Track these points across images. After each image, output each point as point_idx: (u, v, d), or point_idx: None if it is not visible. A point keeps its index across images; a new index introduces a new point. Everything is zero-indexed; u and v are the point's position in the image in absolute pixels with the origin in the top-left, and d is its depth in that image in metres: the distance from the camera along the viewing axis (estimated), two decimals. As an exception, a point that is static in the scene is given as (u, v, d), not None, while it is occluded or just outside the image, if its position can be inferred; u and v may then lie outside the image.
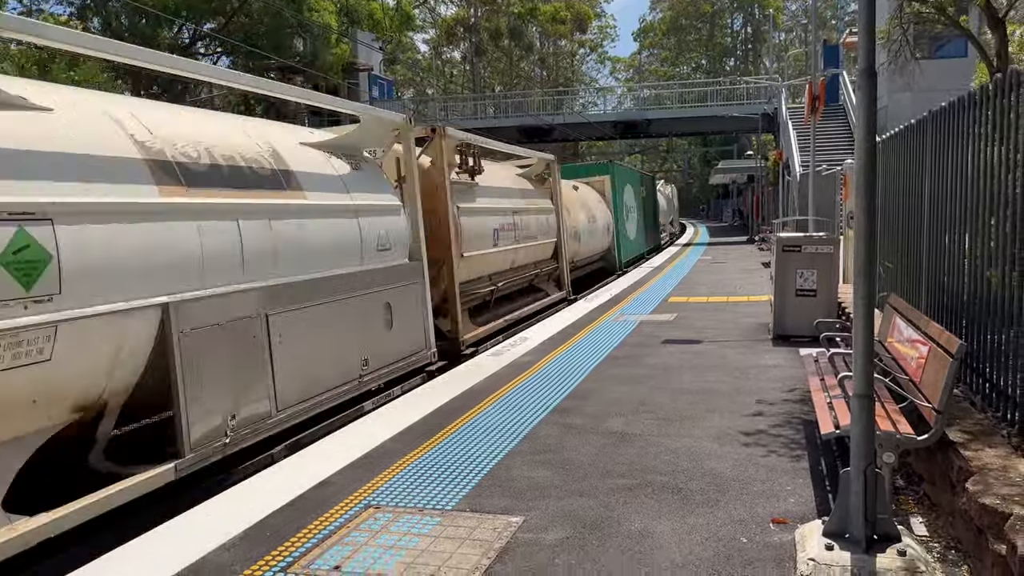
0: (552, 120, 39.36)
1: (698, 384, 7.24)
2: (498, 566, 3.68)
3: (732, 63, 70.90)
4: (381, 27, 37.73)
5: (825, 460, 4.99)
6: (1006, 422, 4.41)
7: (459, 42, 63.20)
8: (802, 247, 9.44)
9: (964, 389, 5.25)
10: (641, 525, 4.09)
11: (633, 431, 5.78)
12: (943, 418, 4.06)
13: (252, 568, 3.75)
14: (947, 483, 4.18)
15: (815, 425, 4.95)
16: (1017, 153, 4.27)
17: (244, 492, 4.81)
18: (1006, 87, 4.43)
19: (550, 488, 4.67)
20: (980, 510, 3.43)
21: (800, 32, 66.38)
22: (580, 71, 76.06)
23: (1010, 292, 4.37)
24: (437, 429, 6.02)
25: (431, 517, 4.29)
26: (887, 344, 5.84)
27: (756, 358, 8.35)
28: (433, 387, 7.58)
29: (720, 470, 4.87)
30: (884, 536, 3.61)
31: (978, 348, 4.99)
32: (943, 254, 5.92)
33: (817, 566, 3.46)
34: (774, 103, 34.55)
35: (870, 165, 3.57)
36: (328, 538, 4.06)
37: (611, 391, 7.07)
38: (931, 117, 6.28)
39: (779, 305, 9.50)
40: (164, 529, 4.26)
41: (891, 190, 8.01)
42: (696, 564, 3.64)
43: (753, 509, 4.24)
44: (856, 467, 3.57)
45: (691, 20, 71.40)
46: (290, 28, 31.67)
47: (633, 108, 45.43)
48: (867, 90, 3.55)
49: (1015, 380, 4.27)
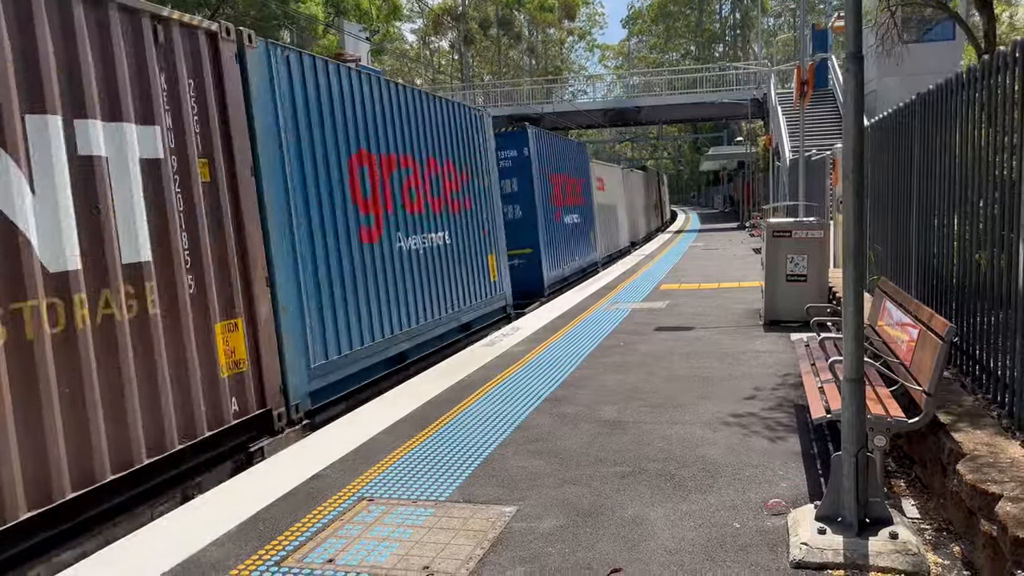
0: (541, 109, 39.28)
1: (690, 371, 7.25)
2: (492, 556, 3.68)
3: (721, 49, 70.77)
4: (368, 17, 37.50)
5: (817, 444, 5.00)
6: (996, 404, 4.43)
7: (447, 32, 62.88)
8: (792, 232, 9.45)
9: (954, 372, 5.27)
10: (634, 512, 4.09)
11: (626, 419, 5.79)
12: (933, 401, 4.07)
13: (246, 563, 3.74)
14: (938, 465, 4.20)
15: (806, 410, 4.97)
16: (1005, 135, 4.27)
17: (237, 487, 4.80)
18: (993, 68, 4.43)
19: (543, 477, 4.67)
20: (971, 492, 3.45)
21: (789, 17, 66.27)
22: (569, 59, 75.85)
23: (998, 274, 4.38)
24: (431, 420, 6.01)
25: (424, 508, 4.29)
26: (877, 328, 5.86)
27: (748, 344, 8.37)
28: (427, 377, 7.57)
29: (712, 456, 4.89)
30: (876, 519, 3.63)
31: (968, 331, 5.01)
32: (932, 237, 5.93)
33: (810, 550, 3.48)
34: (763, 89, 34.53)
35: (858, 149, 3.56)
36: (322, 531, 4.05)
37: (604, 379, 7.08)
38: (919, 100, 6.28)
39: (770, 291, 9.52)
40: (157, 526, 4.25)
41: (880, 174, 8.02)
42: (690, 550, 3.65)
43: (746, 494, 4.25)
44: (847, 451, 3.58)
45: (680, 6, 71.19)
46: (277, 20, 31.44)
47: (623, 96, 45.34)
48: (855, 74, 3.54)
49: (1005, 362, 4.28)
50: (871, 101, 23.34)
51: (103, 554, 3.92)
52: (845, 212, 3.62)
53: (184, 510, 4.45)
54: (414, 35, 66.31)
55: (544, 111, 39.15)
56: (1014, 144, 4.13)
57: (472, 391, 6.87)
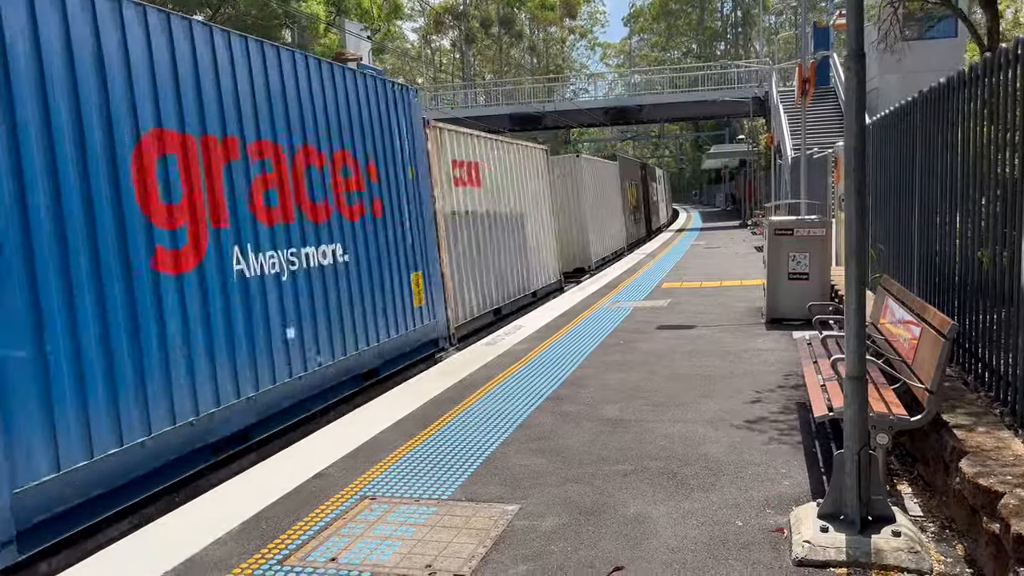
0: (543, 107, 39.26)
1: (692, 369, 7.25)
2: (495, 554, 3.68)
3: (723, 47, 70.66)
4: (369, 16, 37.50)
5: (819, 442, 5.00)
6: (999, 402, 4.43)
7: (448, 30, 62.88)
8: (794, 230, 9.44)
9: (957, 370, 5.27)
10: (637, 510, 4.10)
11: (628, 417, 5.79)
12: (936, 399, 4.07)
13: (248, 561, 3.74)
14: (941, 463, 4.19)
15: (809, 408, 4.97)
16: (1007, 132, 4.26)
17: (239, 485, 4.81)
18: (996, 66, 4.42)
19: (546, 475, 4.67)
20: (974, 490, 3.44)
21: (790, 15, 66.18)
22: (571, 58, 75.81)
23: (1001, 272, 4.37)
24: (433, 419, 6.02)
25: (427, 507, 4.29)
26: (880, 325, 5.85)
27: (750, 342, 8.37)
28: (428, 376, 7.58)
29: (714, 454, 4.88)
30: (879, 517, 3.62)
31: (970, 328, 5.01)
32: (934, 234, 5.92)
33: (812, 548, 3.48)
34: (765, 87, 34.47)
35: (860, 147, 3.56)
36: (324, 530, 4.06)
37: (606, 378, 7.08)
38: (921, 98, 6.27)
39: (772, 289, 9.51)
40: (159, 525, 4.26)
41: (882, 172, 8.00)
42: (692, 548, 3.65)
43: (748, 492, 4.25)
44: (850, 449, 3.58)
45: (681, 4, 71.03)
46: (278, 19, 31.45)
47: (624, 94, 45.30)
48: (856, 72, 3.54)
49: (1007, 360, 4.28)
50: (873, 99, 23.30)
51: (104, 554, 3.93)
52: (847, 210, 3.62)
53: (187, 509, 4.46)
54: (415, 34, 66.36)
55: (545, 110, 39.13)
56: (1016, 141, 4.12)
57: (474, 390, 6.88)
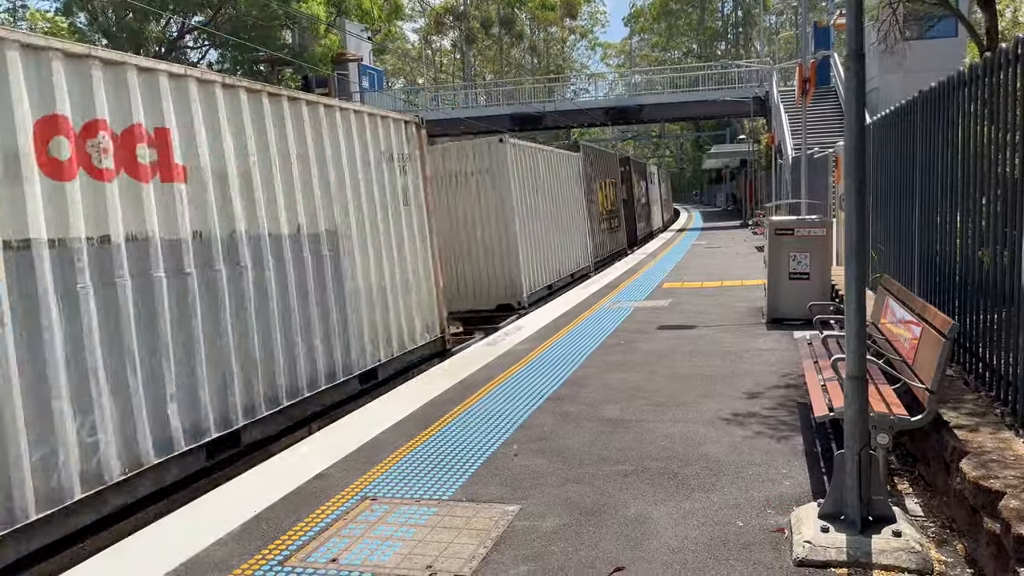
0: (544, 107, 39.26)
1: (693, 369, 7.25)
2: (495, 555, 3.68)
3: (723, 47, 70.63)
4: (370, 17, 37.53)
5: (820, 442, 5.00)
6: (1000, 402, 4.42)
7: (449, 31, 62.89)
8: (795, 230, 9.44)
9: (957, 369, 5.26)
10: (637, 511, 4.10)
11: (629, 417, 5.79)
12: (936, 399, 4.07)
13: (249, 562, 3.75)
14: (941, 463, 4.19)
15: (809, 408, 4.97)
16: (1007, 132, 4.26)
17: (240, 486, 4.81)
18: (995, 65, 4.42)
19: (546, 476, 4.67)
20: (974, 489, 3.44)
21: (791, 15, 66.14)
22: (571, 58, 75.81)
23: (1001, 271, 4.37)
24: (433, 419, 6.02)
25: (428, 507, 4.29)
26: (880, 325, 5.85)
27: (750, 342, 8.37)
28: (430, 377, 7.58)
29: (715, 454, 4.88)
30: (879, 517, 3.62)
31: (971, 328, 5.00)
32: (935, 234, 5.92)
33: (813, 548, 3.48)
34: (765, 86, 34.45)
35: (860, 147, 3.56)
36: (325, 531, 4.06)
37: (606, 378, 7.08)
38: (921, 97, 6.26)
39: (773, 289, 9.51)
40: (160, 526, 4.26)
41: (882, 171, 8.00)
42: (693, 548, 3.65)
43: (749, 493, 4.25)
44: (850, 449, 3.58)
45: (681, 4, 71.00)
46: (278, 20, 31.46)
47: (625, 94, 45.29)
48: (856, 72, 3.54)
49: (1008, 359, 4.28)
50: (873, 99, 23.30)
51: (105, 554, 3.93)
52: (847, 210, 3.62)
53: (188, 509, 4.47)
54: (416, 34, 66.36)
55: (546, 109, 39.12)
56: (1016, 141, 4.12)
57: (475, 390, 6.88)
